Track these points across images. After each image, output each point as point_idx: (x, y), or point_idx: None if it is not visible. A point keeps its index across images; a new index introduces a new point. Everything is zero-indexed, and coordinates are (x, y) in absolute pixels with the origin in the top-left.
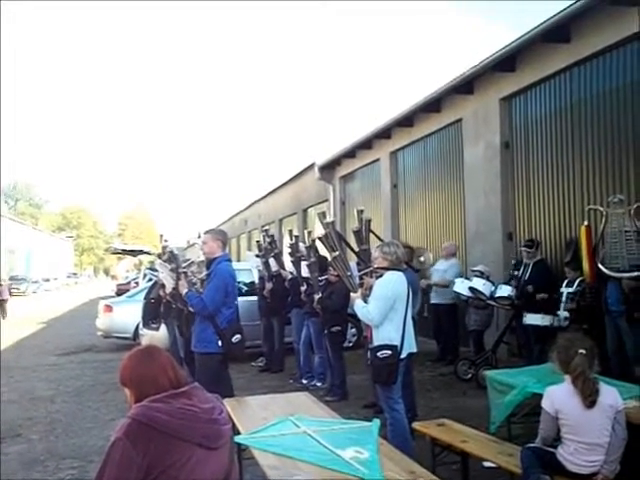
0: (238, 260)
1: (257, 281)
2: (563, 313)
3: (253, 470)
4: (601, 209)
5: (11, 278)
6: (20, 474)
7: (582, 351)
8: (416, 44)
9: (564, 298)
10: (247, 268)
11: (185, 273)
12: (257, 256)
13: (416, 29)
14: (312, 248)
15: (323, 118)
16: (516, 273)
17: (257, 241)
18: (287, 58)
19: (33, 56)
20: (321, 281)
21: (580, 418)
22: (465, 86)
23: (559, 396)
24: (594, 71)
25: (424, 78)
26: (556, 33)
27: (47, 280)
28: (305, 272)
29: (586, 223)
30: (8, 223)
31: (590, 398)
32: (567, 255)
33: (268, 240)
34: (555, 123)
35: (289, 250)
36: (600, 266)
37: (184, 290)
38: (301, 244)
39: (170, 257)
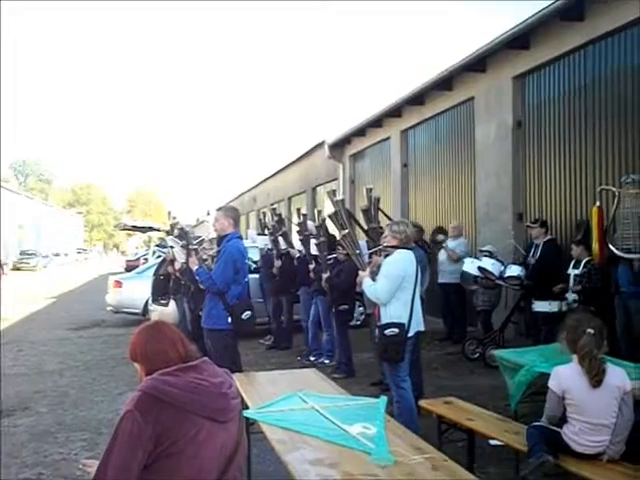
0: (246, 238)
1: (260, 260)
2: (572, 296)
3: (261, 444)
4: (613, 189)
5: (21, 252)
6: (31, 445)
7: (590, 331)
8: (432, 31)
9: (571, 280)
10: (256, 246)
11: (196, 250)
12: (260, 234)
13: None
14: (322, 227)
15: (334, 96)
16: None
17: (260, 219)
18: (299, 38)
19: (43, 38)
20: (330, 260)
21: (586, 398)
22: (477, 64)
23: (566, 376)
24: (608, 50)
25: (436, 58)
26: (570, 11)
27: (57, 255)
28: (314, 250)
29: (598, 204)
30: (18, 198)
31: (596, 378)
32: (577, 235)
33: (276, 219)
34: (568, 102)
35: (297, 228)
36: (611, 247)
37: (195, 266)
38: (310, 222)
39: (181, 233)
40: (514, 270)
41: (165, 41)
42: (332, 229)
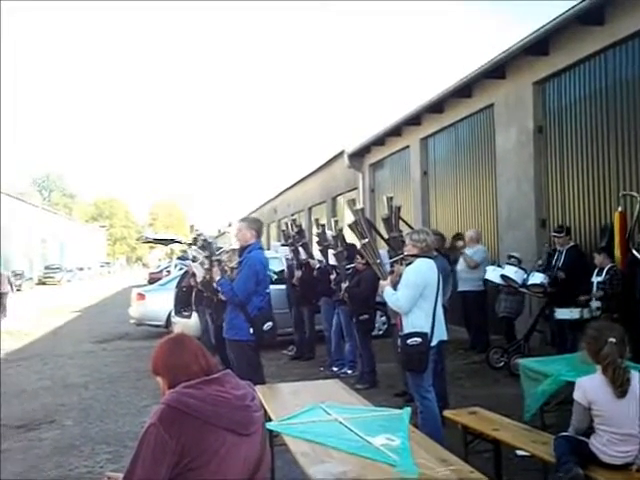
0: (268, 249)
1: (286, 270)
2: (595, 303)
3: (285, 457)
4: (635, 195)
5: (46, 267)
6: (56, 458)
7: (612, 340)
8: (450, 35)
9: (594, 287)
10: (277, 257)
11: (218, 261)
12: (283, 245)
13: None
14: (339, 237)
15: (353, 106)
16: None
17: (282, 230)
18: (317, 47)
19: (65, 51)
20: (348, 269)
21: (612, 408)
22: (497, 70)
23: (590, 387)
24: (629, 54)
25: (454, 65)
26: (590, 15)
27: (81, 269)
28: (332, 260)
29: (620, 209)
30: (42, 213)
31: (621, 388)
32: (602, 241)
33: (296, 229)
34: (589, 107)
35: (317, 239)
36: (635, 252)
37: (217, 277)
38: (328, 232)
39: (204, 245)
40: (537, 278)
41: (184, 52)
42: (351, 238)
